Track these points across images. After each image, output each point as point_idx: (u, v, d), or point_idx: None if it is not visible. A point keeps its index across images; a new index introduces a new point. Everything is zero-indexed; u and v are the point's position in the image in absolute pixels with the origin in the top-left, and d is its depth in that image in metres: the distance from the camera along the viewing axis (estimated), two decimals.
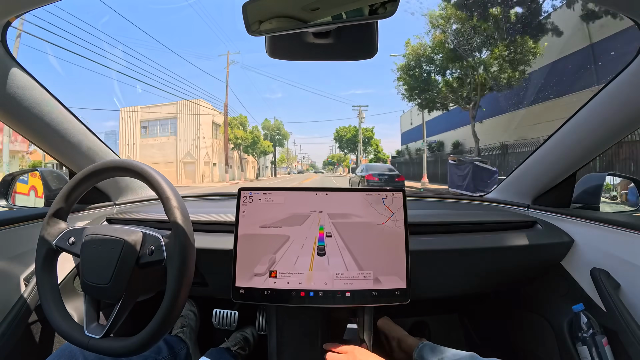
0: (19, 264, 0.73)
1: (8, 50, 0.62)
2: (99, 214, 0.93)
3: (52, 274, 0.60)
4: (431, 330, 1.21)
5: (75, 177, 0.61)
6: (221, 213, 0.84)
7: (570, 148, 0.79)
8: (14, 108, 0.67)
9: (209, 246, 0.74)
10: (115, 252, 0.56)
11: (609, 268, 0.72)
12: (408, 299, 0.65)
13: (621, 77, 0.63)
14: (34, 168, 0.95)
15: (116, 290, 0.55)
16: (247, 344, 1.05)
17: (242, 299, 0.65)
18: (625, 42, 7.07)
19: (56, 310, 0.57)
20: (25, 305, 0.69)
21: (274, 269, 0.65)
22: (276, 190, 0.70)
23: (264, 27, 0.47)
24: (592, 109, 0.71)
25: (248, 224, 0.68)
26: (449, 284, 0.86)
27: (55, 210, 0.61)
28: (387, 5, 0.42)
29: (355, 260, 0.66)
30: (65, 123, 0.77)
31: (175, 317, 0.53)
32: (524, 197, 0.98)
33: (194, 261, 0.56)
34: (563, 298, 0.85)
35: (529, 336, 0.96)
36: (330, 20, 0.45)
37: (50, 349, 0.78)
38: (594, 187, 0.89)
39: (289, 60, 0.57)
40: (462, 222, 0.85)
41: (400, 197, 0.69)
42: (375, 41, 0.52)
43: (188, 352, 0.86)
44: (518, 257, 0.83)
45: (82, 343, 0.54)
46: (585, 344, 0.73)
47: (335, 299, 0.65)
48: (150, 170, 0.58)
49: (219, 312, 1.11)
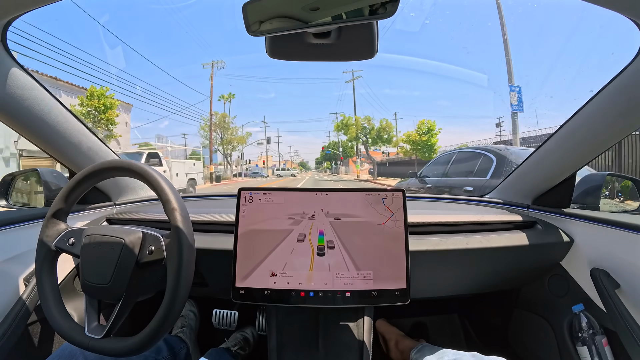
0: (19, 264, 0.73)
1: (8, 50, 0.62)
2: (99, 214, 0.93)
3: (52, 275, 0.60)
4: (431, 331, 1.21)
5: (75, 177, 0.61)
6: (221, 213, 0.84)
7: (570, 148, 0.79)
8: (14, 108, 0.66)
9: (209, 246, 0.74)
10: (115, 252, 0.55)
11: (608, 268, 0.72)
12: (408, 299, 0.65)
13: (621, 78, 0.63)
14: (33, 168, 0.95)
15: (116, 290, 0.55)
16: (247, 344, 1.05)
17: (242, 299, 0.65)
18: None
19: (57, 312, 0.57)
20: (25, 306, 0.69)
21: (274, 269, 0.65)
22: (276, 191, 0.70)
23: (264, 27, 0.47)
24: (592, 110, 0.71)
25: (248, 224, 0.68)
26: (449, 284, 0.86)
27: (55, 211, 0.61)
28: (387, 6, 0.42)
29: (355, 260, 0.66)
30: (65, 123, 0.77)
31: (175, 317, 0.53)
32: (524, 197, 0.98)
33: (194, 261, 0.56)
34: (563, 298, 0.85)
35: (529, 336, 0.96)
36: (330, 20, 0.45)
37: (50, 349, 0.78)
38: (593, 187, 0.89)
39: (289, 60, 0.57)
40: (462, 222, 0.85)
41: (400, 197, 0.69)
42: (375, 41, 0.52)
43: (188, 352, 0.86)
44: (518, 257, 0.83)
45: (82, 344, 0.54)
46: (585, 344, 0.73)
47: (335, 299, 0.65)
48: (150, 170, 0.58)
49: (219, 312, 1.10)
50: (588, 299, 0.78)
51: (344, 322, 0.74)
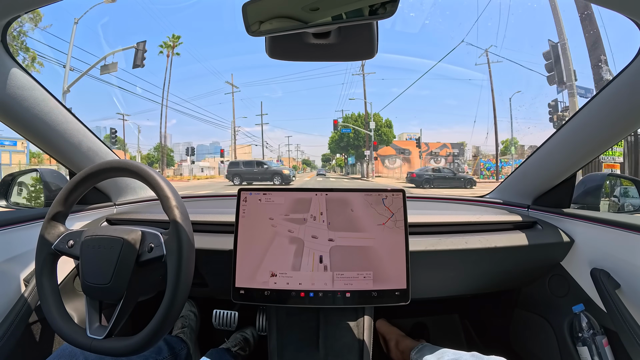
0: (19, 264, 0.73)
1: (8, 50, 0.62)
2: (99, 215, 0.93)
3: (53, 278, 0.60)
4: (431, 331, 1.21)
5: (73, 179, 0.61)
6: (221, 213, 0.83)
7: (571, 148, 0.79)
8: (14, 108, 0.66)
9: (209, 246, 0.74)
10: (114, 251, 0.55)
11: (609, 268, 0.72)
12: (408, 299, 0.65)
13: (621, 78, 0.63)
14: (33, 168, 0.96)
15: (117, 290, 0.55)
16: (247, 345, 1.05)
17: (242, 300, 0.65)
18: None
19: (58, 315, 0.57)
20: (25, 306, 0.69)
21: (274, 269, 0.65)
22: (276, 191, 0.70)
23: (264, 28, 0.47)
24: (592, 110, 0.71)
25: (248, 224, 0.67)
26: (449, 284, 0.86)
27: (54, 214, 0.61)
28: (387, 6, 0.42)
29: (355, 260, 0.66)
30: (65, 123, 0.77)
31: (176, 315, 0.53)
32: (524, 198, 0.98)
33: (194, 258, 0.56)
34: (563, 298, 0.84)
35: (529, 336, 0.96)
36: (330, 20, 0.45)
37: (50, 349, 0.78)
38: (593, 188, 0.90)
39: (289, 60, 0.57)
40: (463, 222, 0.85)
41: (400, 198, 0.69)
42: (375, 41, 0.52)
43: (189, 352, 0.86)
44: (518, 257, 0.83)
45: (85, 345, 0.54)
46: (585, 344, 0.73)
47: (335, 300, 0.65)
48: (149, 170, 0.58)
49: (219, 312, 1.10)
50: (588, 299, 0.77)
51: (344, 323, 0.74)
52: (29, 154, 21.67)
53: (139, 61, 11.00)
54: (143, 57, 11.06)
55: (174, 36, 22.02)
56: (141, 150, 23.65)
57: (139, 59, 10.97)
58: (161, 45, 21.88)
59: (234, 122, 23.31)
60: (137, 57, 10.97)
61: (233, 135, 21.87)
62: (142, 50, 11.03)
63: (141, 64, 11.06)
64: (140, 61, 11.01)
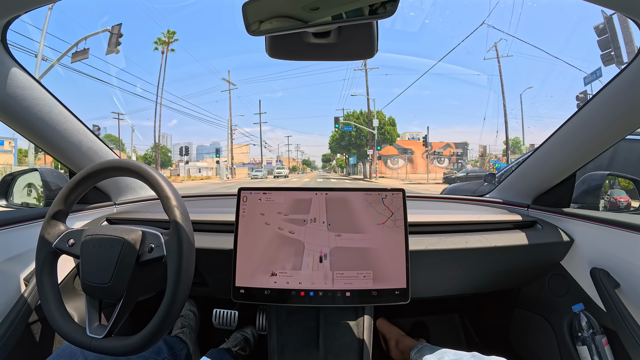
0: (19, 264, 0.73)
1: (8, 50, 0.62)
2: (99, 214, 0.93)
3: (53, 277, 0.60)
4: (431, 330, 1.21)
5: (73, 178, 0.61)
6: (221, 213, 0.84)
7: (570, 148, 0.79)
8: (14, 108, 0.66)
9: (209, 246, 0.74)
10: (115, 251, 0.56)
11: (608, 268, 0.72)
12: (408, 298, 0.65)
13: (621, 77, 0.63)
14: (33, 168, 0.96)
15: (117, 289, 0.55)
16: (247, 344, 1.05)
17: (242, 299, 0.65)
18: None
19: (58, 314, 0.57)
20: (26, 305, 0.69)
21: (274, 268, 0.65)
22: (276, 190, 0.70)
23: (264, 27, 0.47)
24: (592, 109, 0.71)
25: (248, 223, 0.68)
26: (449, 284, 0.86)
27: (54, 212, 0.61)
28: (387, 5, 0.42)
29: (355, 260, 0.66)
30: (65, 123, 0.77)
31: (176, 314, 0.53)
32: (524, 197, 0.98)
33: (194, 258, 0.56)
34: (563, 298, 0.85)
35: (529, 336, 0.96)
36: (330, 20, 0.45)
37: (50, 349, 0.78)
38: (593, 187, 0.90)
39: (289, 60, 0.57)
40: (462, 222, 0.85)
41: (400, 197, 0.69)
42: (375, 41, 0.52)
43: (188, 352, 0.86)
44: (518, 257, 0.83)
45: (84, 344, 0.54)
46: (585, 343, 0.73)
47: (335, 299, 0.65)
48: (149, 169, 0.58)
49: (219, 312, 1.10)
50: (588, 298, 0.78)
51: (344, 322, 0.74)
52: (17, 153, 21.43)
53: (113, 46, 9.82)
54: (118, 41, 9.77)
55: (168, 32, 21.52)
56: (137, 150, 23.51)
57: (112, 44, 9.75)
58: (156, 42, 21.38)
59: (231, 121, 23.17)
60: (111, 41, 9.69)
61: (230, 134, 21.72)
62: (117, 34, 9.72)
63: (115, 50, 9.89)
64: (114, 46, 9.82)
